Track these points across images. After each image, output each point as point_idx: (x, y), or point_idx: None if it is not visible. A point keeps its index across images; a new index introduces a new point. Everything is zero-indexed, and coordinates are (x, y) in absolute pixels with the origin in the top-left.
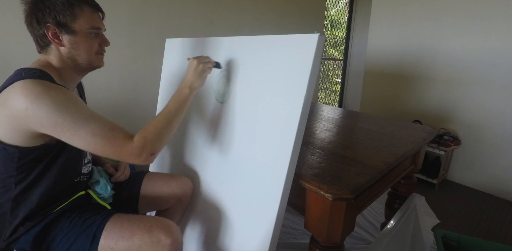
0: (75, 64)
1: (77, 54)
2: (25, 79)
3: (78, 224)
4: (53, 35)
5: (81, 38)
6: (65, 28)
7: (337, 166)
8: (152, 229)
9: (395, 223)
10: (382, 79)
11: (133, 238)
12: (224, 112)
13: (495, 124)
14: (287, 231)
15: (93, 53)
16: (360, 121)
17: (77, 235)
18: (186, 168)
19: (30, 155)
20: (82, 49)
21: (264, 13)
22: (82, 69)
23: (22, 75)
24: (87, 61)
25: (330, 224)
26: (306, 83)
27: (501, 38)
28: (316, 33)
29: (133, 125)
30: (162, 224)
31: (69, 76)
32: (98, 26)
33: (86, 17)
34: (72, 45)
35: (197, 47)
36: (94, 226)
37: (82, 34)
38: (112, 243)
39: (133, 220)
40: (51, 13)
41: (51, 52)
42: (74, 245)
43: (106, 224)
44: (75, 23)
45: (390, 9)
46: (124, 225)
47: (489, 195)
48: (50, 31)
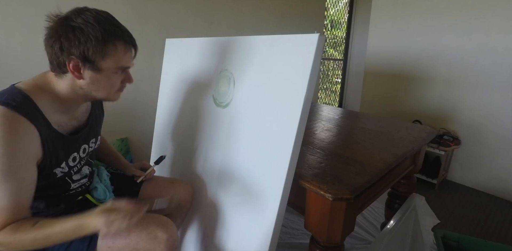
0: (86, 95)
1: (94, 90)
2: (1, 104)
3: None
4: (74, 67)
5: (105, 76)
6: (90, 64)
7: (337, 166)
8: (148, 226)
9: (395, 223)
10: (382, 79)
11: (130, 236)
12: (224, 112)
13: (495, 124)
14: (287, 231)
15: (113, 91)
16: (360, 121)
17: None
18: (186, 168)
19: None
20: (102, 87)
21: (264, 13)
22: (91, 100)
23: (5, 96)
24: (104, 97)
25: (330, 224)
26: (306, 83)
27: (501, 38)
28: (316, 33)
29: (133, 125)
30: (158, 220)
31: (69, 103)
32: (127, 66)
33: (118, 57)
34: (93, 81)
35: (197, 47)
36: None
37: (107, 73)
38: (110, 242)
39: None
40: (80, 46)
41: (64, 79)
42: (72, 246)
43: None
44: (103, 61)
45: (390, 9)
46: None
47: (489, 195)
48: (73, 63)
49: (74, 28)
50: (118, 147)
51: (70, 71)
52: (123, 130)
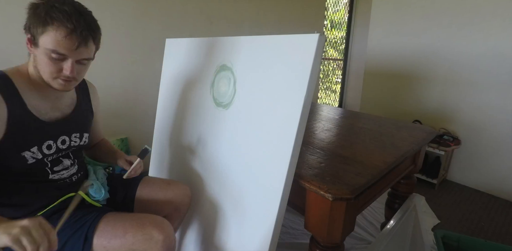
0: (39, 76)
1: (38, 68)
2: None
3: (69, 224)
4: (28, 40)
5: (40, 54)
6: (34, 39)
7: (337, 166)
8: (144, 226)
9: (395, 223)
10: (382, 79)
11: (126, 236)
12: (224, 112)
13: (495, 124)
14: (287, 231)
15: (50, 76)
16: (360, 121)
17: (69, 236)
18: (186, 168)
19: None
20: (39, 65)
21: (264, 13)
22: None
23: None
24: (46, 79)
25: (330, 224)
26: (306, 83)
27: (501, 38)
28: (316, 33)
29: (133, 125)
30: (154, 221)
31: (40, 85)
32: (62, 53)
33: (54, 38)
34: (35, 57)
35: (197, 47)
36: (85, 227)
37: (42, 51)
38: (105, 242)
39: (125, 219)
40: (29, 20)
41: (30, 58)
42: (67, 246)
43: (99, 224)
44: (41, 38)
45: (390, 9)
46: (117, 223)
47: (489, 195)
48: (27, 37)
49: (38, 6)
50: (118, 147)
51: (27, 45)
52: (123, 130)
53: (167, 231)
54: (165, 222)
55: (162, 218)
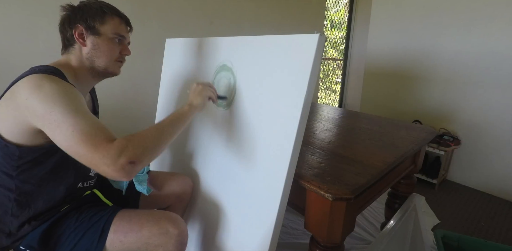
0: (92, 66)
1: (96, 56)
2: (35, 73)
3: (85, 220)
4: (79, 35)
5: (104, 40)
6: (92, 30)
7: (337, 166)
8: (160, 221)
9: (395, 223)
10: (382, 79)
11: (142, 231)
12: (224, 112)
13: (495, 124)
14: (287, 231)
15: (112, 59)
16: (360, 121)
17: (85, 231)
18: (186, 168)
19: (30, 156)
20: (102, 51)
21: (264, 13)
22: (97, 73)
23: (35, 70)
24: (105, 65)
25: (330, 224)
26: (306, 83)
27: (501, 38)
28: (316, 33)
29: (133, 125)
30: (169, 216)
31: (83, 78)
32: (123, 34)
33: (114, 24)
34: (94, 46)
35: (197, 47)
36: (102, 221)
37: (106, 37)
38: (122, 237)
39: (140, 214)
40: (83, 15)
41: (73, 52)
42: (82, 240)
43: (114, 219)
44: (102, 27)
45: (390, 9)
46: (133, 219)
47: (489, 195)
48: (78, 31)
49: (80, 5)
50: None
51: (76, 39)
52: (123, 130)
53: (182, 226)
54: (179, 218)
55: (176, 214)
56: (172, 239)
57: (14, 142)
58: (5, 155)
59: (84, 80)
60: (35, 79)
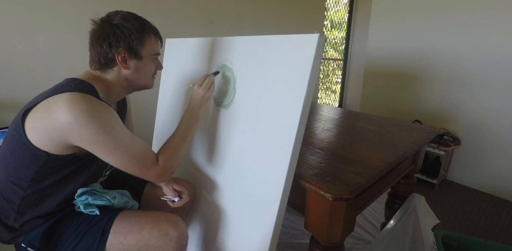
0: (129, 85)
1: (137, 78)
2: (74, 91)
3: (86, 220)
4: (122, 59)
5: (145, 63)
6: (134, 54)
7: (337, 166)
8: (160, 223)
9: (395, 223)
10: (382, 79)
11: (142, 232)
12: (224, 112)
13: (495, 124)
14: (287, 231)
15: (150, 77)
16: (360, 121)
17: (86, 231)
18: (186, 168)
19: (54, 162)
20: (143, 73)
21: (264, 13)
22: (133, 89)
23: (72, 86)
24: (144, 84)
25: (330, 224)
26: (306, 83)
27: (501, 38)
28: (316, 33)
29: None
30: (169, 218)
31: (116, 93)
32: (159, 52)
33: (152, 45)
34: (136, 69)
35: (197, 47)
36: (103, 222)
37: (147, 60)
38: (122, 238)
39: (140, 216)
40: (126, 40)
41: (110, 73)
42: (83, 240)
43: (115, 220)
44: (143, 49)
45: (390, 9)
46: (133, 220)
47: (489, 195)
48: (121, 55)
49: (118, 25)
50: None
51: (118, 63)
52: None
53: (182, 228)
54: (179, 220)
55: (177, 216)
56: (172, 241)
57: (44, 150)
58: (31, 159)
59: (117, 95)
60: (75, 101)
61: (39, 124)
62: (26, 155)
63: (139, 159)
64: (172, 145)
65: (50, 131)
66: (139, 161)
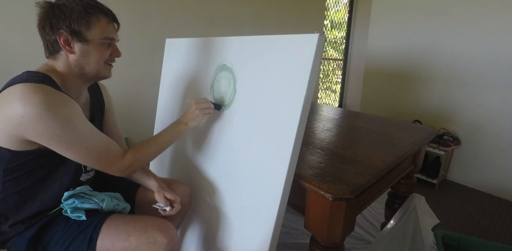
0: (81, 73)
1: (86, 63)
2: (26, 82)
3: (74, 226)
4: (64, 42)
5: (93, 47)
6: (78, 36)
7: (337, 166)
8: (148, 230)
9: (395, 223)
10: (382, 79)
11: (130, 239)
12: (224, 112)
13: (495, 124)
14: (287, 231)
15: (102, 63)
16: (360, 121)
17: (73, 237)
18: (186, 169)
19: (21, 159)
20: (92, 58)
21: (264, 13)
22: (88, 78)
23: (23, 78)
24: (95, 71)
25: (330, 224)
26: (306, 83)
27: (501, 38)
28: (316, 33)
29: (133, 125)
30: (158, 224)
31: (73, 84)
32: (112, 37)
33: (101, 27)
34: (83, 53)
35: (197, 47)
36: (90, 228)
37: (95, 44)
38: (109, 245)
39: (128, 221)
40: (66, 20)
41: (60, 59)
42: (71, 247)
43: (103, 226)
44: (89, 32)
45: (390, 9)
46: (120, 226)
47: (489, 195)
48: (62, 37)
49: (59, 6)
50: None
51: (62, 46)
52: (123, 130)
53: (171, 234)
54: (169, 225)
55: (166, 221)
56: (161, 248)
57: (4, 147)
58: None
59: (74, 85)
60: (28, 92)
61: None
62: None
63: (100, 154)
64: (147, 148)
65: (4, 126)
66: (100, 156)
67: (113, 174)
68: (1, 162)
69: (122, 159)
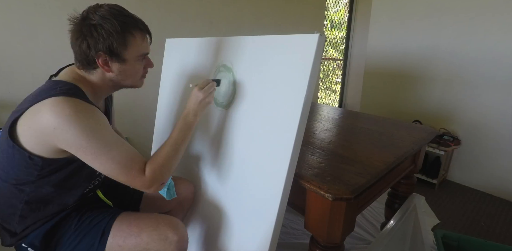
0: (115, 85)
1: (122, 80)
2: (58, 96)
3: (86, 221)
4: (103, 62)
5: (130, 65)
6: (116, 57)
7: (337, 166)
8: (159, 226)
9: (395, 223)
10: (382, 79)
11: (141, 235)
12: (224, 112)
13: (495, 124)
14: (287, 231)
15: (138, 78)
16: (360, 121)
17: (86, 232)
18: (186, 169)
19: (52, 165)
20: (129, 75)
21: (264, 13)
22: (120, 87)
23: (57, 90)
24: (131, 85)
25: (330, 224)
26: (306, 83)
27: (501, 38)
28: (316, 33)
29: (133, 125)
30: (169, 221)
31: (103, 93)
32: (147, 52)
33: (137, 45)
34: (120, 72)
35: (197, 47)
36: (102, 223)
37: (132, 62)
38: (121, 241)
39: (140, 218)
40: (105, 42)
41: (94, 74)
42: (83, 241)
43: (114, 222)
44: (126, 52)
45: (390, 9)
46: (132, 222)
47: (489, 195)
48: (101, 59)
49: (96, 26)
50: None
51: (100, 66)
52: (123, 130)
53: (181, 232)
54: (179, 223)
55: (177, 219)
56: (171, 245)
57: (38, 155)
58: (28, 165)
59: (104, 94)
60: (60, 106)
61: (28, 131)
62: (22, 160)
63: (124, 167)
64: (162, 155)
65: (38, 136)
66: (124, 169)
67: (141, 190)
68: (35, 169)
69: (144, 174)
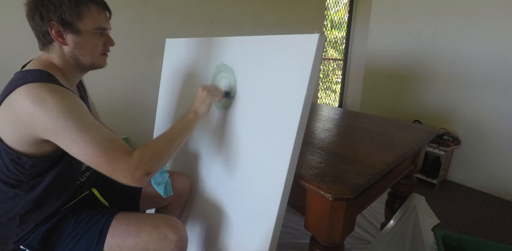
0: (77, 64)
1: (80, 54)
2: (31, 82)
3: (84, 221)
4: (56, 33)
5: (86, 38)
6: (69, 27)
7: (337, 166)
8: (158, 226)
9: (395, 223)
10: (382, 79)
11: (141, 235)
12: (224, 112)
13: (495, 124)
14: (287, 231)
15: (97, 54)
16: (360, 121)
17: (83, 232)
18: (186, 168)
19: (41, 164)
20: (86, 49)
21: (264, 13)
22: (84, 68)
23: (28, 78)
24: (91, 62)
25: (330, 224)
26: (306, 83)
27: (501, 38)
28: (316, 33)
29: (133, 125)
30: (168, 221)
31: (71, 75)
32: (104, 27)
33: (93, 17)
34: (76, 45)
35: (197, 47)
36: (100, 223)
37: (87, 34)
38: (120, 241)
39: (139, 218)
40: (57, 11)
41: (54, 51)
42: (81, 241)
43: (112, 222)
44: (81, 23)
45: (390, 9)
46: (131, 222)
47: (489, 195)
48: (54, 29)
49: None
50: None
51: (54, 38)
52: (123, 130)
53: (181, 231)
54: (179, 223)
55: (176, 219)
56: (171, 245)
57: (24, 153)
58: (17, 165)
59: (72, 77)
60: (33, 91)
61: (7, 125)
62: (11, 161)
63: (104, 149)
64: (155, 143)
65: (18, 128)
66: (104, 151)
67: (122, 179)
68: (25, 168)
69: (129, 156)
